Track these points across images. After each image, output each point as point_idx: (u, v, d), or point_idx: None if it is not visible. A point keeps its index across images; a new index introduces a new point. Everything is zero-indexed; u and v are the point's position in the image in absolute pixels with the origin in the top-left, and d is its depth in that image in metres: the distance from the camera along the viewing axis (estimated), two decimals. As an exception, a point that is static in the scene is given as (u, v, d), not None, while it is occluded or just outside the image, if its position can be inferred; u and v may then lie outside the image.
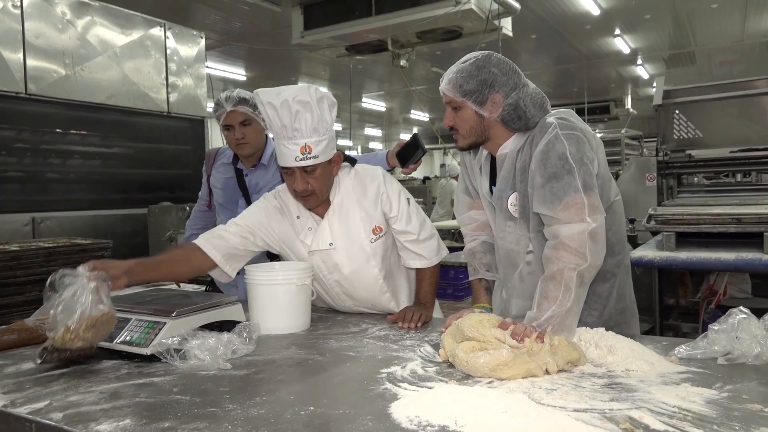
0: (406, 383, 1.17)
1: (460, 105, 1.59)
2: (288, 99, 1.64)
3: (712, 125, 3.92)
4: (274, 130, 1.70)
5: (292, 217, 1.85)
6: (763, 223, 2.68)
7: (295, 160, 1.67)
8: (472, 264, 1.82)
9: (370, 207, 1.84)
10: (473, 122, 1.61)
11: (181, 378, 1.25)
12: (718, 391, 1.08)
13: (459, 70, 1.58)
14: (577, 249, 1.40)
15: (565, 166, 1.47)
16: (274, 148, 2.38)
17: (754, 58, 11.70)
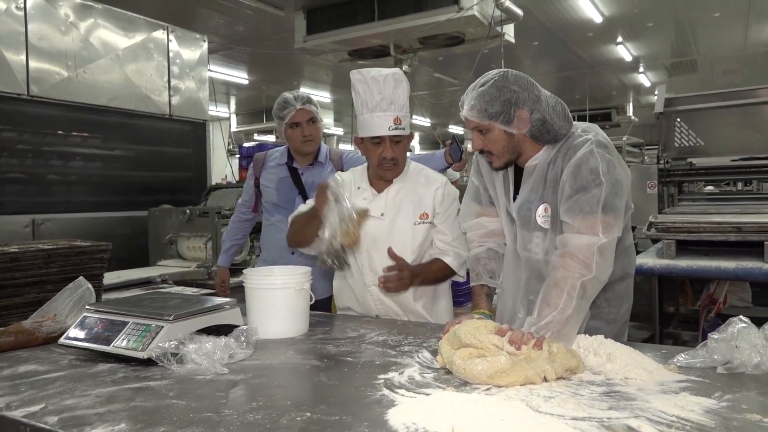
0: (404, 389, 1.17)
1: (488, 128, 1.60)
2: (389, 75, 1.90)
3: (714, 133, 3.92)
4: (368, 104, 1.90)
5: (354, 188, 2.06)
6: (763, 232, 2.68)
7: (389, 129, 1.90)
8: (476, 269, 1.83)
9: (425, 194, 2.02)
10: (504, 142, 1.62)
11: (178, 382, 1.24)
12: (717, 400, 1.07)
13: (479, 94, 1.57)
14: (584, 260, 1.42)
15: (595, 181, 1.50)
16: (328, 148, 2.74)
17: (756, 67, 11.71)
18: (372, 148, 1.94)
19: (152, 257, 4.59)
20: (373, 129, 1.91)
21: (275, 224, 2.69)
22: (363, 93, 1.91)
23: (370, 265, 2.00)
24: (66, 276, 2.05)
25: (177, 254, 4.55)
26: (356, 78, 1.93)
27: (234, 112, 15.50)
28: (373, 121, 1.90)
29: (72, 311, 1.74)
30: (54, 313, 1.75)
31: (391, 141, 1.92)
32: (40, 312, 1.78)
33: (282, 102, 2.64)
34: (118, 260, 4.24)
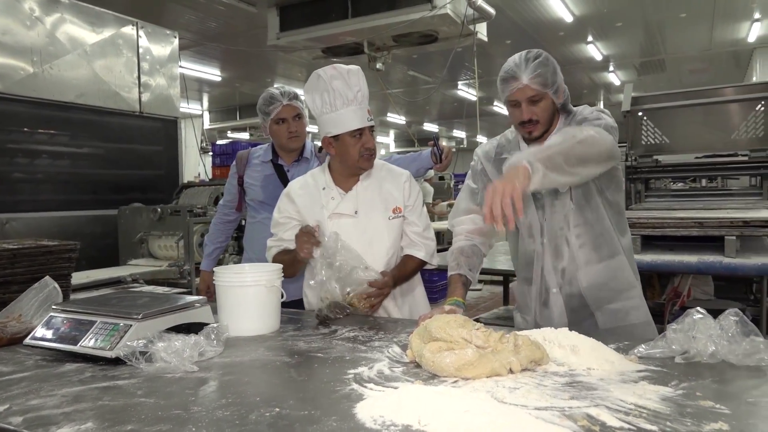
0: (373, 384, 1.19)
1: (543, 97, 1.76)
2: (354, 70, 1.95)
3: (678, 132, 4.02)
4: (345, 98, 1.91)
5: (317, 190, 2.07)
6: (724, 227, 2.77)
7: (367, 120, 1.96)
8: (458, 260, 1.90)
9: (394, 189, 2.07)
10: (551, 110, 1.79)
11: (146, 381, 1.24)
12: (674, 388, 1.11)
13: (540, 64, 1.73)
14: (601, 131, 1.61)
15: (599, 116, 1.75)
16: (312, 144, 2.75)
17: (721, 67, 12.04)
18: (352, 141, 1.95)
19: (122, 256, 4.53)
20: (353, 122, 1.93)
21: (261, 222, 2.67)
22: (341, 88, 1.90)
23: None
24: (33, 276, 2.02)
25: (148, 253, 4.50)
26: (330, 74, 1.92)
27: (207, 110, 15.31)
28: (352, 115, 1.92)
29: (38, 311, 1.71)
30: (19, 313, 1.73)
31: (369, 131, 1.97)
32: (4, 312, 1.75)
33: (268, 97, 2.64)
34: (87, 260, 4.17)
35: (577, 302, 1.85)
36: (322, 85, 1.92)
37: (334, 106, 1.92)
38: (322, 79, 1.92)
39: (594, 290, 1.83)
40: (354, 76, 1.93)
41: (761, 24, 9.17)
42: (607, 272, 1.83)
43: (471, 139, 22.20)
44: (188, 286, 4.00)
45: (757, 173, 3.91)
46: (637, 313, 1.86)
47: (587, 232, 1.82)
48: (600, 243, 1.83)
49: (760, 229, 2.70)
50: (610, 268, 1.84)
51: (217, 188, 4.90)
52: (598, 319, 1.84)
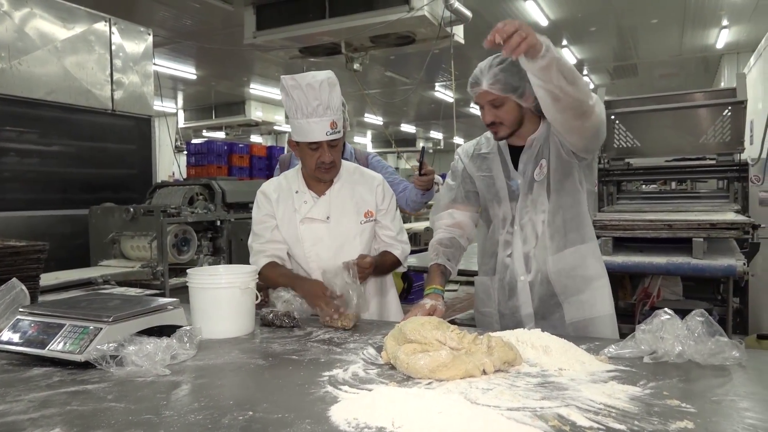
0: (347, 386, 1.19)
1: (504, 100, 1.80)
2: (323, 80, 1.88)
3: (649, 135, 4.11)
4: (303, 110, 1.88)
5: (290, 193, 2.06)
6: (692, 229, 2.84)
7: (326, 134, 1.90)
8: (437, 251, 1.96)
9: (366, 193, 2.07)
10: (516, 113, 1.83)
11: (117, 385, 1.22)
12: (642, 388, 1.14)
13: (501, 70, 1.77)
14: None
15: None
16: (352, 147, 2.73)
17: (691, 72, 12.33)
18: (309, 152, 1.95)
19: (93, 257, 4.44)
20: (310, 134, 1.91)
21: None
22: (298, 99, 1.88)
23: (319, 268, 2.00)
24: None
25: (120, 254, 4.42)
26: (290, 84, 1.89)
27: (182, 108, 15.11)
28: (310, 127, 1.89)
29: (4, 314, 1.67)
30: (-15, 316, 1.68)
31: (328, 145, 1.93)
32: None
33: None
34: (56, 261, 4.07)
35: (545, 290, 1.87)
36: (286, 92, 1.92)
37: (295, 113, 1.92)
38: (285, 87, 1.91)
39: (562, 277, 1.85)
40: (313, 90, 1.87)
41: (729, 31, 9.42)
42: (575, 258, 1.87)
43: (448, 140, 22.33)
44: (161, 287, 3.94)
45: (723, 176, 4.02)
46: (602, 305, 1.91)
47: (559, 218, 1.86)
48: (571, 227, 1.87)
49: (726, 231, 2.78)
50: (580, 253, 1.87)
51: (191, 188, 4.84)
52: (565, 312, 1.87)
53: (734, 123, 3.76)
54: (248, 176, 9.19)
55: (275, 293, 1.78)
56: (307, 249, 2.03)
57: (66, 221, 4.51)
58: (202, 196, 4.86)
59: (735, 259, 2.73)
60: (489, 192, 1.97)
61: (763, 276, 3.78)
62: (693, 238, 2.78)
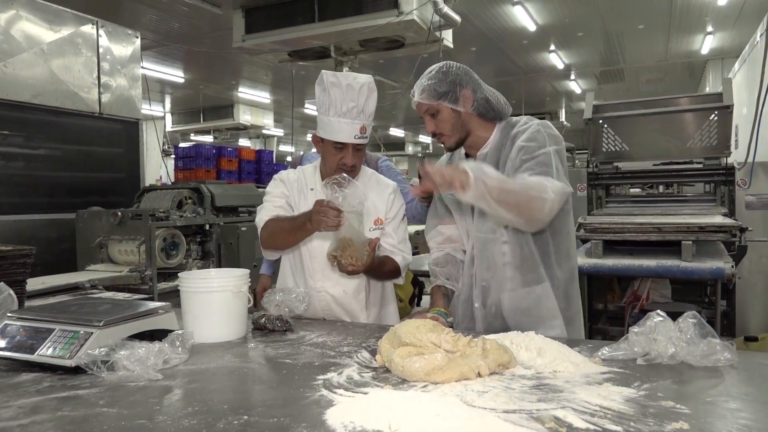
0: (342, 389, 1.18)
1: (437, 108, 1.77)
2: (364, 83, 1.88)
3: (637, 139, 4.15)
4: (337, 109, 1.87)
5: (306, 189, 2.05)
6: (681, 232, 2.86)
7: (354, 137, 1.90)
8: (434, 272, 1.94)
9: (378, 200, 2.05)
10: (453, 120, 1.78)
11: (109, 390, 1.20)
12: (636, 389, 1.14)
13: (429, 78, 1.77)
14: (545, 186, 1.55)
15: (542, 150, 1.68)
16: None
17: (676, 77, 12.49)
18: (333, 152, 1.93)
19: (80, 262, 4.39)
20: (338, 134, 1.89)
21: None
22: (335, 97, 1.87)
23: (322, 270, 2.00)
24: (-15, 282, 1.94)
25: (108, 258, 4.37)
26: (330, 80, 1.88)
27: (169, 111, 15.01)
28: (340, 127, 1.88)
29: (-8, 319, 1.64)
30: (-29, 321, 1.65)
31: (354, 148, 1.93)
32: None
33: None
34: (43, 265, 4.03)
35: (498, 324, 1.80)
36: (323, 87, 1.90)
37: (327, 110, 1.89)
38: (324, 81, 1.89)
39: (517, 315, 1.78)
40: (352, 92, 1.87)
41: (714, 37, 9.56)
42: (530, 299, 1.78)
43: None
44: (150, 292, 3.91)
45: (711, 180, 4.07)
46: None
47: (515, 252, 1.78)
48: (527, 267, 1.78)
49: (714, 234, 2.81)
50: (535, 294, 1.78)
51: (180, 191, 4.81)
52: None
53: (721, 127, 3.81)
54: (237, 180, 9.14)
55: (267, 297, 1.76)
56: (314, 248, 2.00)
57: (53, 225, 4.46)
58: (191, 200, 4.83)
59: (723, 261, 2.76)
60: (452, 204, 1.93)
61: (749, 278, 3.83)
62: (682, 240, 2.81)
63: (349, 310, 2.03)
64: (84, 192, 4.68)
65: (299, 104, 14.18)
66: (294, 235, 1.87)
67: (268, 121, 15.02)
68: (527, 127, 1.76)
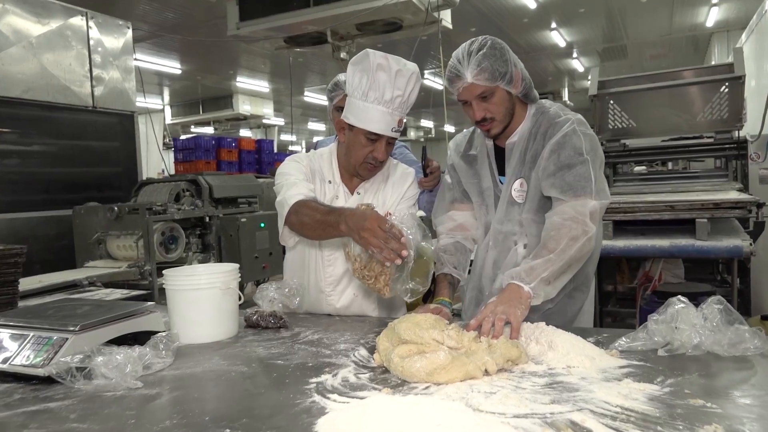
0: (336, 394, 1.08)
1: (493, 91, 1.59)
2: (414, 72, 1.69)
3: (645, 115, 4.01)
4: (380, 95, 1.66)
5: (323, 181, 1.86)
6: (695, 210, 2.74)
7: (391, 130, 1.70)
8: (441, 259, 1.80)
9: (392, 192, 1.88)
10: (507, 104, 1.63)
11: (83, 402, 1.10)
12: (660, 386, 1.04)
13: (484, 56, 1.57)
14: (583, 220, 1.50)
15: (580, 159, 1.56)
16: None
17: (680, 52, 12.23)
18: (364, 142, 1.72)
19: (79, 258, 4.32)
20: (376, 124, 1.68)
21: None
22: (380, 81, 1.65)
23: (333, 272, 1.85)
24: (-28, 285, 1.85)
25: (106, 254, 4.31)
26: (378, 62, 1.65)
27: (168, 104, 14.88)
28: (379, 116, 1.67)
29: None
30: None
31: (387, 142, 1.73)
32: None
33: (334, 84, 2.37)
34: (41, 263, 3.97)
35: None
36: (365, 67, 1.66)
37: (365, 95, 1.67)
38: (369, 61, 1.65)
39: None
40: (402, 79, 1.66)
41: (719, 9, 9.31)
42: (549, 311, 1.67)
43: (439, 128, 22.18)
44: (149, 287, 3.84)
45: (722, 155, 3.92)
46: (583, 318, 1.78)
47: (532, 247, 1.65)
48: None
49: (731, 210, 2.68)
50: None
51: (177, 184, 4.72)
52: None
53: (732, 99, 3.66)
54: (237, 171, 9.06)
55: (259, 292, 1.66)
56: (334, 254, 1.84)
57: (50, 222, 4.40)
58: (188, 192, 4.74)
59: (741, 239, 2.64)
60: (477, 196, 1.80)
61: (764, 255, 3.71)
62: (696, 218, 2.69)
63: (358, 312, 1.90)
64: (81, 187, 4.62)
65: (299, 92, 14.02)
66: (324, 231, 1.58)
67: (268, 111, 14.87)
68: (561, 123, 1.62)
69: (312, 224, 1.61)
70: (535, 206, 1.66)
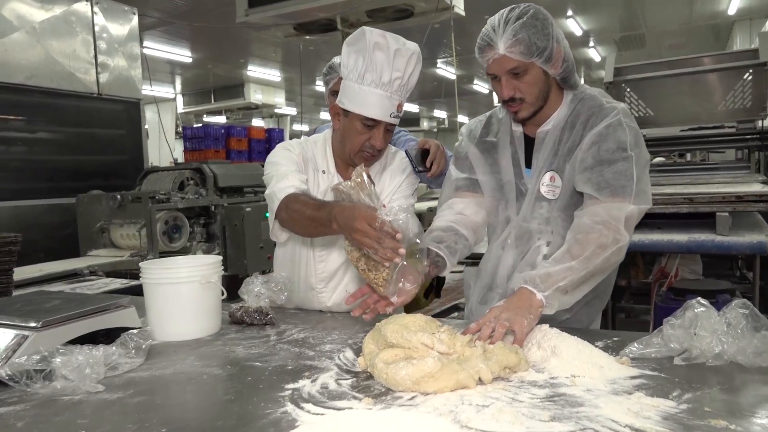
0: (311, 404, 0.97)
1: (527, 68, 1.41)
2: (414, 52, 1.56)
3: (663, 103, 3.84)
4: (376, 77, 1.52)
5: (316, 171, 1.73)
6: (715, 203, 2.59)
7: (390, 116, 1.58)
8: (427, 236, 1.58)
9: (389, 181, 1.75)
10: (542, 84, 1.44)
11: (36, 407, 1.01)
12: (676, 401, 0.92)
13: (522, 25, 1.37)
14: (616, 226, 1.35)
15: (622, 154, 1.39)
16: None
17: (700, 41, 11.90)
18: (360, 129, 1.59)
19: (83, 247, 4.29)
20: (372, 108, 1.55)
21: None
22: (377, 62, 1.51)
23: (324, 268, 1.73)
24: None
25: (110, 243, 4.27)
26: (376, 40, 1.51)
27: (180, 93, 14.85)
28: (376, 100, 1.54)
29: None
30: None
31: (386, 129, 1.60)
32: None
33: (329, 67, 2.22)
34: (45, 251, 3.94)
35: None
36: (361, 47, 1.53)
37: (362, 77, 1.54)
38: (365, 41, 1.52)
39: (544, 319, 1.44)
40: (401, 59, 1.53)
41: (743, -5, 9.02)
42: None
43: (452, 119, 21.95)
44: (151, 277, 3.76)
45: (745, 145, 3.75)
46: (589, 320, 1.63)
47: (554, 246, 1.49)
48: None
49: (754, 204, 2.53)
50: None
51: (181, 173, 4.66)
52: None
53: (756, 87, 3.48)
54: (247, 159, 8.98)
55: (245, 287, 1.55)
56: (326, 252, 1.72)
57: (54, 211, 4.38)
58: (192, 181, 4.68)
59: (765, 234, 2.48)
60: (493, 189, 1.62)
61: (787, 251, 3.53)
62: (717, 212, 2.53)
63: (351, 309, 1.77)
64: (86, 175, 4.58)
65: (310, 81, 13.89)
66: (315, 229, 1.46)
67: (280, 100, 14.77)
68: (607, 111, 1.44)
69: (302, 221, 1.47)
70: (566, 202, 1.50)
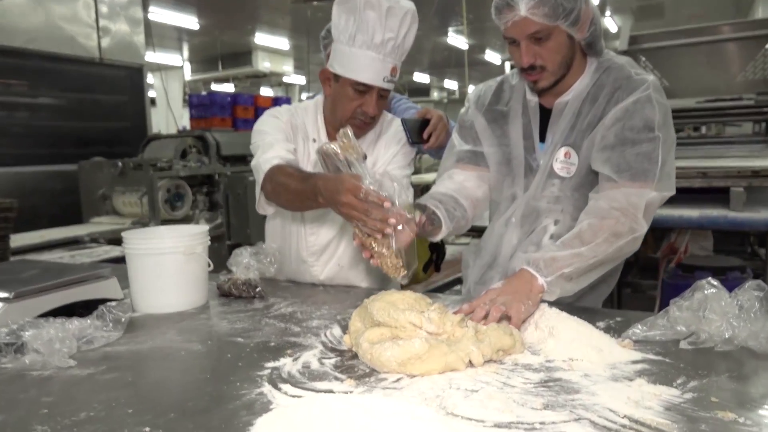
0: (290, 384, 0.91)
1: (550, 32, 1.27)
2: (408, 11, 1.47)
3: (679, 74, 3.69)
4: (367, 38, 1.43)
5: (306, 140, 1.65)
6: (730, 177, 2.49)
7: (383, 80, 1.49)
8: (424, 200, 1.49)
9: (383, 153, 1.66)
10: (565, 50, 1.32)
11: (3, 383, 0.96)
12: (680, 390, 0.85)
13: None
14: (635, 214, 1.26)
15: (649, 135, 1.29)
16: None
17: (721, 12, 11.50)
18: (351, 95, 1.50)
19: (86, 214, 4.27)
20: (364, 72, 1.46)
21: None
22: (368, 22, 1.42)
23: (316, 241, 1.66)
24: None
25: (112, 210, 4.24)
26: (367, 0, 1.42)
27: (188, 60, 14.67)
28: (368, 63, 1.45)
29: None
30: None
31: (379, 94, 1.51)
32: None
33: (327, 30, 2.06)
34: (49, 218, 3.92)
35: None
36: (352, 6, 1.44)
37: (352, 39, 1.45)
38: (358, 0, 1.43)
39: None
40: (394, 19, 1.43)
41: (768, -38, 8.66)
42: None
43: (463, 89, 21.61)
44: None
45: (763, 119, 3.60)
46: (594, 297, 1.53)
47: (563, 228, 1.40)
48: None
49: (771, 179, 2.42)
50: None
51: (184, 140, 4.60)
52: None
53: (779, 57, 3.32)
54: (253, 128, 8.89)
55: (233, 258, 1.49)
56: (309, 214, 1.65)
57: (57, 177, 4.34)
58: (195, 149, 4.61)
59: (780, 211, 2.38)
60: (500, 164, 1.50)
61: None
62: (731, 187, 2.43)
63: (344, 284, 1.70)
64: (89, 142, 4.54)
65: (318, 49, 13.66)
66: (302, 203, 1.40)
67: (288, 68, 14.55)
68: (636, 84, 1.31)
69: (288, 195, 1.41)
70: (580, 181, 1.39)
